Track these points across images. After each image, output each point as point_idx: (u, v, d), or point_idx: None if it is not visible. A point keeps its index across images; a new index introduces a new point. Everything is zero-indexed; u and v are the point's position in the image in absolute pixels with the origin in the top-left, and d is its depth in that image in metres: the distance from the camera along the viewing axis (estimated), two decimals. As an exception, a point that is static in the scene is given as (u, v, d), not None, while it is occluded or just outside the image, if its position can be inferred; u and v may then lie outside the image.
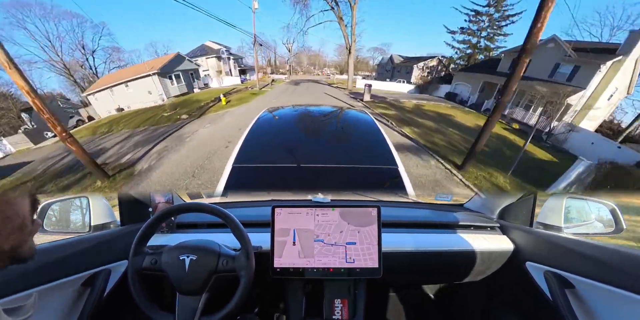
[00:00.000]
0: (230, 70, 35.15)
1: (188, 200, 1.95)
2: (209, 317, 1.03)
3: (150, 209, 1.48)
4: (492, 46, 29.45)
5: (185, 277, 1.04)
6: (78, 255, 1.17)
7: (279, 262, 1.23)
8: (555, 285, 1.14)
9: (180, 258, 1.06)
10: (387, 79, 37.50)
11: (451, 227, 1.57)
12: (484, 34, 29.44)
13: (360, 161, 1.84)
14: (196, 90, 26.02)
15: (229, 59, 34.84)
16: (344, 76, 51.64)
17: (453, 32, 30.79)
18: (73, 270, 1.13)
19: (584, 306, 1.08)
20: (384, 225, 1.29)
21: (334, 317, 1.27)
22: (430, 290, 2.06)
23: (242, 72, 38.07)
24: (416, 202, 1.85)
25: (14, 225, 0.53)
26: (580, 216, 1.55)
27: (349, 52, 25.25)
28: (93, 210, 1.47)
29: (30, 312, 0.58)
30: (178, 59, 24.20)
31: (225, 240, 1.21)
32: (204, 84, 29.14)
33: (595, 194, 1.55)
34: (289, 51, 65.47)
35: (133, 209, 1.52)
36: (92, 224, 1.45)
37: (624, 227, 1.46)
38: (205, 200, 1.88)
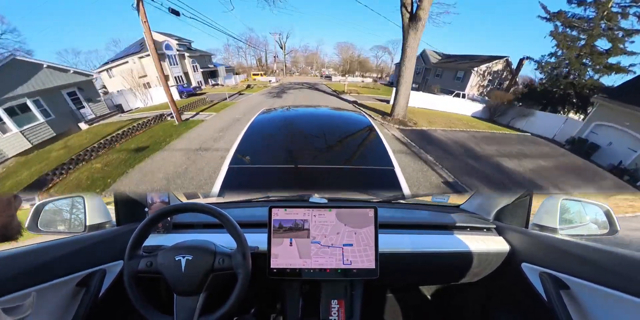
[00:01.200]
0: (186, 73, 23.86)
1: (185, 200, 1.95)
2: (207, 317, 1.03)
3: (147, 209, 1.47)
4: (624, 49, 15.79)
5: (182, 277, 1.04)
6: (73, 255, 1.16)
7: (275, 263, 1.23)
8: (550, 287, 1.15)
9: (176, 259, 1.06)
10: (413, 85, 23.53)
11: (448, 228, 1.58)
12: (602, 25, 15.92)
13: (357, 162, 1.84)
14: (83, 125, 13.37)
15: (182, 57, 23.20)
16: (351, 79, 40.64)
17: (553, 17, 17.45)
18: (68, 270, 1.12)
19: (578, 307, 1.08)
20: (381, 226, 1.30)
21: (330, 318, 1.27)
22: (427, 291, 2.07)
23: (211, 74, 28.95)
24: (413, 203, 1.85)
25: (3, 201, 0.57)
26: (575, 218, 1.56)
27: (412, 17, 10.27)
28: (88, 210, 1.46)
29: (28, 311, 0.58)
30: (15, 68, 11.19)
31: (222, 240, 1.21)
32: (112, 108, 16.27)
33: (590, 196, 1.56)
34: (281, 48, 56.99)
35: (129, 209, 1.51)
36: (87, 223, 1.44)
37: (618, 228, 1.47)
38: (202, 201, 1.87)
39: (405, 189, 1.64)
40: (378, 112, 13.68)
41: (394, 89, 13.23)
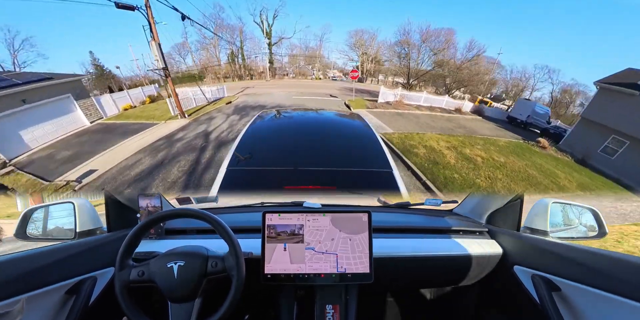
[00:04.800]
0: None
1: (177, 205, 1.93)
2: None
3: (138, 215, 1.45)
4: None
5: (176, 284, 1.02)
6: (63, 262, 1.14)
7: (269, 268, 1.22)
8: (542, 289, 1.17)
9: (168, 265, 1.04)
10: None
11: (441, 232, 1.59)
12: None
13: (354, 165, 1.85)
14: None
15: None
16: (427, 96, 18.74)
17: None
18: (57, 277, 1.10)
19: (570, 308, 1.10)
20: (375, 230, 1.30)
21: None
22: (422, 295, 2.07)
23: None
24: (406, 207, 1.86)
25: None
26: (565, 220, 1.59)
27: None
28: (79, 216, 1.43)
29: (18, 318, 0.56)
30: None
31: (216, 246, 1.20)
32: None
33: (580, 199, 1.60)
34: (266, 35, 35.40)
35: (120, 215, 1.49)
36: (77, 230, 1.41)
37: (607, 231, 1.50)
38: (195, 206, 1.86)
39: (404, 191, 1.66)
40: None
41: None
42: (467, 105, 20.68)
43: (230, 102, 16.51)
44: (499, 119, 18.95)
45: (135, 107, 16.41)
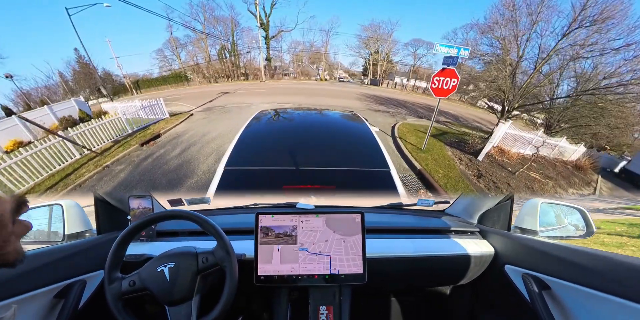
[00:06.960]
0: None
1: (169, 206, 1.90)
2: (205, 318, 1.01)
3: (129, 217, 1.43)
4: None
5: (169, 287, 1.01)
6: (51, 265, 1.11)
7: (263, 270, 1.22)
8: (532, 287, 1.18)
9: (158, 269, 1.03)
10: None
11: (433, 232, 1.60)
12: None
13: (352, 164, 1.86)
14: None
15: None
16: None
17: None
18: (45, 281, 1.07)
19: (560, 306, 1.12)
20: (369, 231, 1.30)
21: None
22: (416, 295, 2.08)
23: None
24: (400, 208, 1.87)
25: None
26: (554, 220, 1.62)
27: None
28: (67, 218, 1.40)
29: None
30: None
31: (208, 247, 1.19)
32: None
33: (568, 199, 1.63)
34: (261, 27, 28.77)
35: (110, 217, 1.46)
36: (66, 232, 1.38)
37: (594, 230, 1.53)
38: (187, 207, 1.84)
39: (401, 190, 1.67)
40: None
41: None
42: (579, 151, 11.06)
43: (155, 140, 8.04)
44: (611, 171, 12.54)
45: (28, 143, 8.57)
